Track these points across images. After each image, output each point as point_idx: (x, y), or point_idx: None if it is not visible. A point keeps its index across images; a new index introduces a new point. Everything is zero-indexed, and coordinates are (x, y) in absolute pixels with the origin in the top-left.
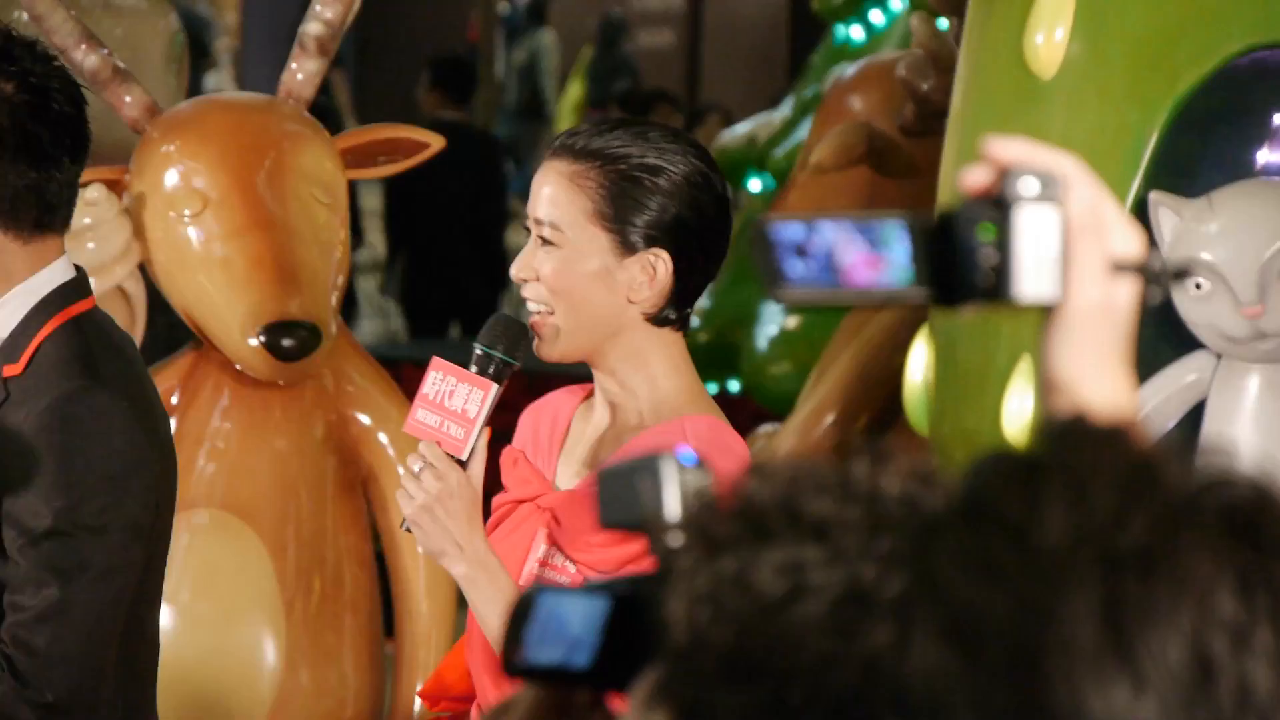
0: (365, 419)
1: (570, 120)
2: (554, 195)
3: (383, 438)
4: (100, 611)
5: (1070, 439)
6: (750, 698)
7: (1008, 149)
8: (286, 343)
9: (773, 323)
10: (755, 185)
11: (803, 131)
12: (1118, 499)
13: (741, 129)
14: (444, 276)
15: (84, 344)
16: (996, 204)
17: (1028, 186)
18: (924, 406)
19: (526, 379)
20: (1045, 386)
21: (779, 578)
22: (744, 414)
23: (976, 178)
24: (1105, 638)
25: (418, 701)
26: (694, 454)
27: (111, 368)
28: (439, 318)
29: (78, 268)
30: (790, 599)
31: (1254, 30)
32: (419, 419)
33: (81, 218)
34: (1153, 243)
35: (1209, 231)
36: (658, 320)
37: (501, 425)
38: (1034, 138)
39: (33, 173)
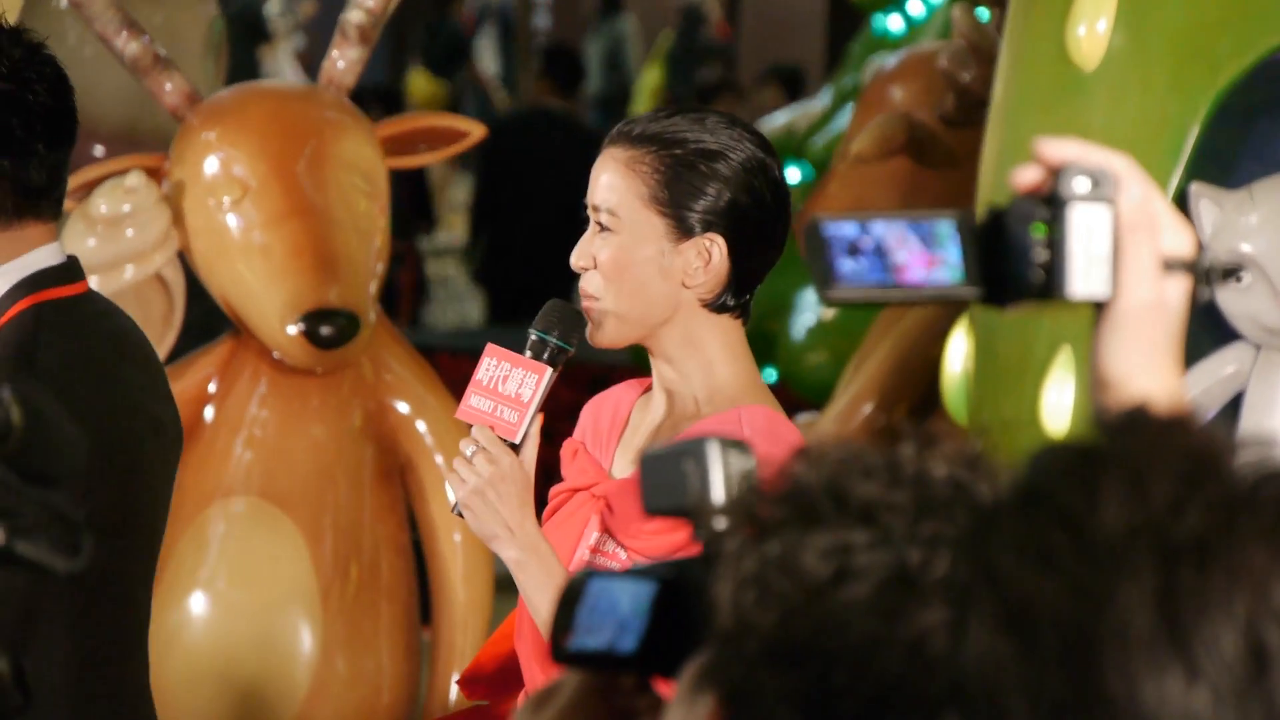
0: (403, 407)
1: (646, 105)
2: (611, 181)
3: (421, 426)
4: (23, 598)
5: (1128, 430)
6: (795, 680)
7: (1059, 148)
8: (325, 331)
9: (809, 312)
10: (793, 175)
11: (840, 121)
12: (1175, 490)
13: (780, 118)
14: (525, 264)
15: (33, 331)
16: (1048, 202)
17: (1080, 185)
18: (963, 396)
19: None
20: (1095, 384)
21: (824, 561)
22: (780, 403)
23: (1028, 176)
24: (1160, 627)
25: (454, 689)
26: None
27: (55, 358)
28: (515, 305)
29: (71, 256)
30: (835, 582)
31: None
32: (472, 405)
33: (121, 205)
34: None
35: (1249, 223)
36: (715, 307)
37: (549, 419)
38: (1075, 129)
39: (5, 160)
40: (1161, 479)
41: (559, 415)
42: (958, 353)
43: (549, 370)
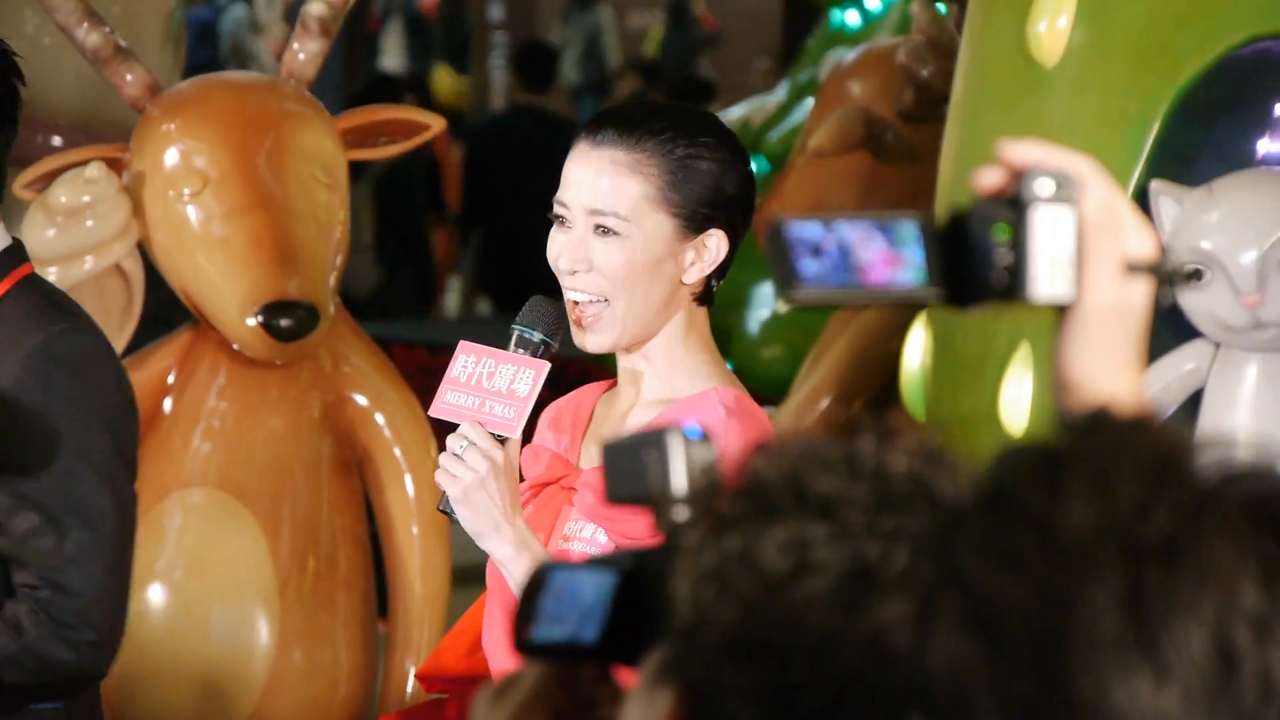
0: (362, 399)
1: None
2: (615, 185)
3: (379, 418)
4: (120, 547)
5: (1093, 431)
6: (754, 675)
7: (1022, 151)
8: (284, 323)
9: (765, 306)
10: None
11: (797, 115)
12: (1141, 490)
13: (735, 112)
14: (513, 259)
15: (47, 294)
16: (1011, 204)
17: (1043, 187)
18: (921, 391)
19: None
20: (1058, 386)
21: (783, 555)
22: None
23: (991, 178)
24: (1128, 628)
25: (411, 681)
26: (700, 429)
27: (85, 318)
28: (509, 299)
29: (15, 238)
30: (794, 576)
31: (1257, 20)
32: (449, 401)
33: (81, 195)
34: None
35: (1209, 220)
36: (701, 298)
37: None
38: (1035, 125)
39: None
40: (1127, 480)
41: None
42: (916, 347)
43: (546, 365)
